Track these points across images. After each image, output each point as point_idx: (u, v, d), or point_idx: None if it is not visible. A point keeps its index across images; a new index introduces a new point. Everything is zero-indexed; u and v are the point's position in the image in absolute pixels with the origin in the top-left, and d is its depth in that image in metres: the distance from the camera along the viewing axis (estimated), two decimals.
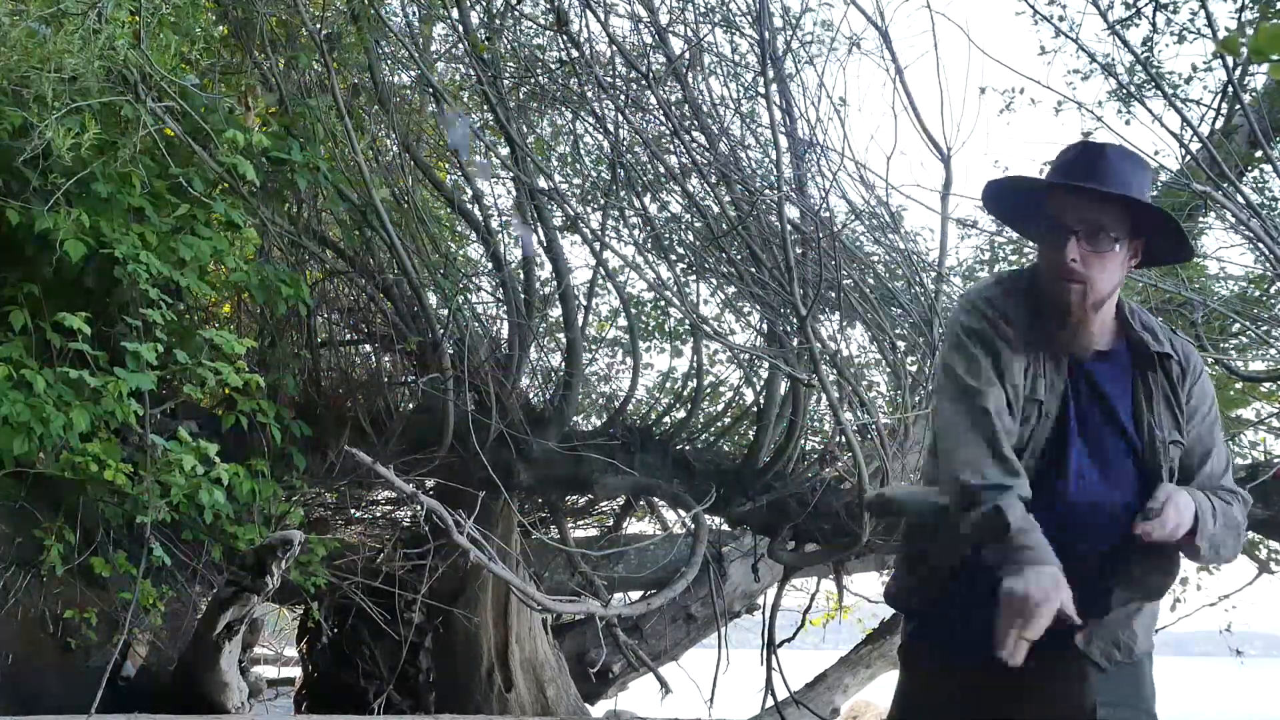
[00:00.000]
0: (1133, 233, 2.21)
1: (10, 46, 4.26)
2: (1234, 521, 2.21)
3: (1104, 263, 2.17)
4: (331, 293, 6.97)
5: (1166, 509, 2.11)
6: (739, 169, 5.66)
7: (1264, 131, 5.64)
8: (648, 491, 6.96)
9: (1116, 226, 2.17)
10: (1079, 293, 2.18)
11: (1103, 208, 2.16)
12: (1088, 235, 2.17)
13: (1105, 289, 2.19)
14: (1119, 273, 2.21)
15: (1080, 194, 2.17)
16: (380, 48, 5.99)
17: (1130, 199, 2.16)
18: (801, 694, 6.99)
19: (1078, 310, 2.20)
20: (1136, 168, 2.21)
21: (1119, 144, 2.29)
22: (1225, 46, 1.92)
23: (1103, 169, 2.18)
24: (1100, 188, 2.16)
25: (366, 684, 6.68)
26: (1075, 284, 2.17)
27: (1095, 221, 2.16)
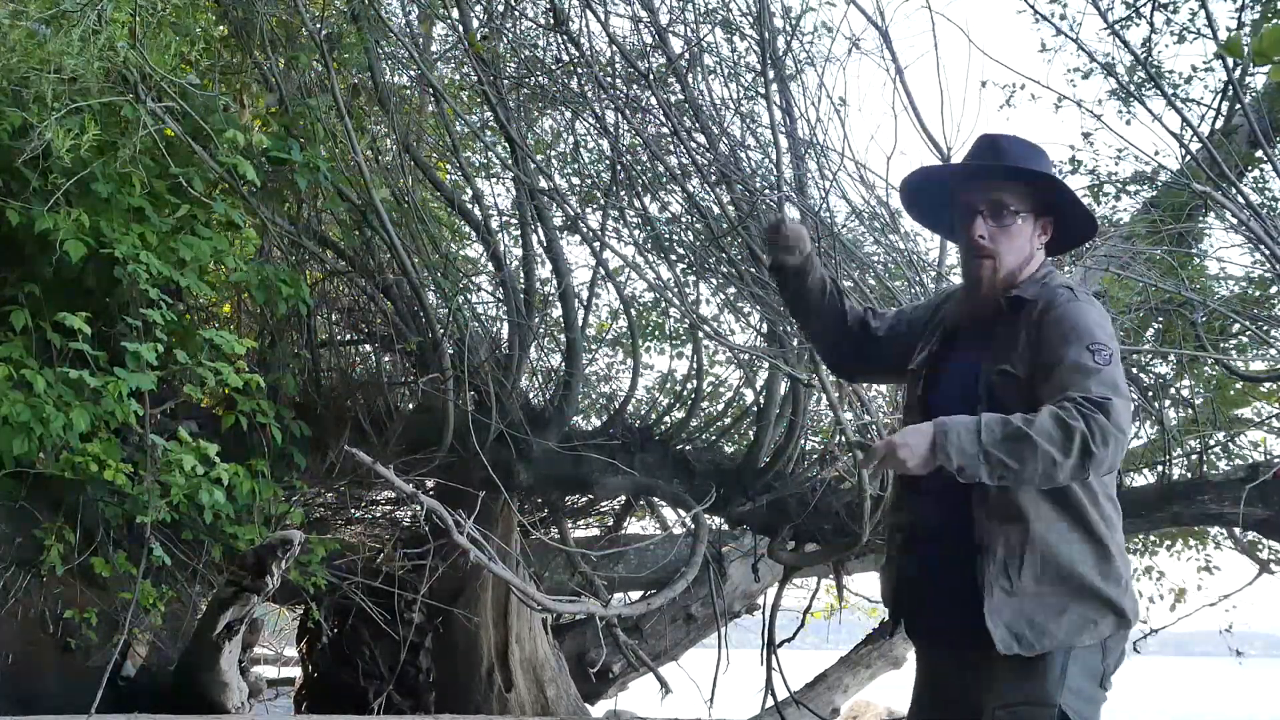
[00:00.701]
0: (1037, 210, 2.41)
1: (10, 47, 4.27)
2: (1020, 434, 2.07)
3: (1009, 237, 2.38)
4: (331, 293, 6.97)
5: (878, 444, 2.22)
6: (739, 169, 5.65)
7: (1264, 132, 5.64)
8: (648, 491, 6.96)
9: (1017, 202, 2.38)
10: (989, 267, 2.38)
11: (1002, 185, 2.38)
12: (992, 213, 2.38)
13: (1014, 261, 2.38)
14: (1026, 247, 2.40)
15: (979, 174, 2.41)
16: (380, 48, 5.99)
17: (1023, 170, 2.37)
18: (801, 694, 6.99)
19: (988, 283, 2.39)
20: (1031, 150, 2.43)
21: (1015, 134, 2.50)
22: (1228, 49, 1.93)
23: (998, 152, 2.42)
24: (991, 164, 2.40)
25: (366, 684, 6.68)
26: (985, 259, 2.38)
27: (996, 199, 2.38)
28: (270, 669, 9.40)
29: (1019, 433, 2.06)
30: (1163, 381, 6.70)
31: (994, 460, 2.07)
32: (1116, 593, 2.26)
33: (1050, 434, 2.06)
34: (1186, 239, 6.26)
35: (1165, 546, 8.42)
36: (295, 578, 5.53)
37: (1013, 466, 2.07)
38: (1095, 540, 2.26)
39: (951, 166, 2.59)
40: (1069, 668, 2.20)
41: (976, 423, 2.09)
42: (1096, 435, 2.06)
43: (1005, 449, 2.06)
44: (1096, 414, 2.07)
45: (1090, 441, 2.06)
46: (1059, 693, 2.19)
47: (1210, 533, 7.92)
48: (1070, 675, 2.20)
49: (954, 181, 2.47)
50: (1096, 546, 2.26)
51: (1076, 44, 5.48)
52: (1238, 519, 5.20)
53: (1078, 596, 2.22)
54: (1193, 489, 5.41)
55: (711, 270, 6.34)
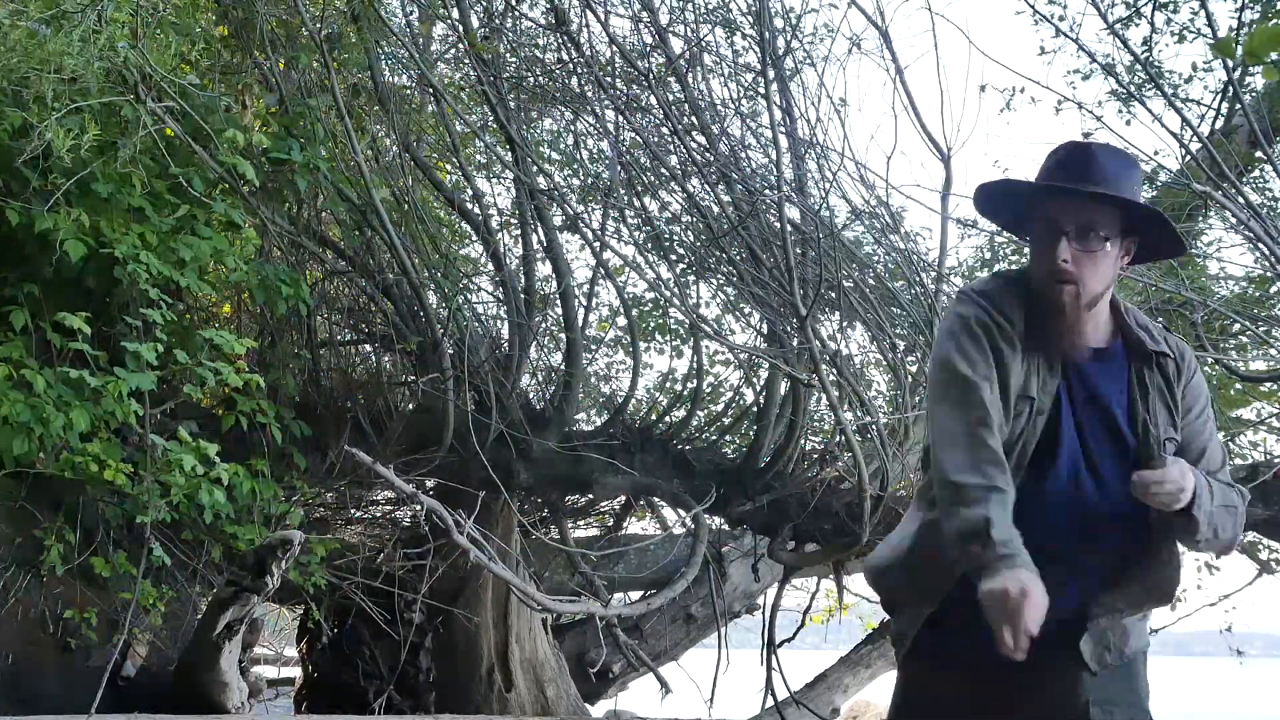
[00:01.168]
0: (1124, 231, 2.22)
1: (10, 47, 4.27)
2: (1232, 503, 2.19)
3: (1095, 262, 2.18)
4: (331, 293, 6.97)
5: (1170, 467, 2.11)
6: (739, 169, 5.66)
7: (1264, 132, 5.64)
8: (648, 491, 6.96)
9: (1107, 226, 2.18)
10: (1071, 293, 2.18)
11: (1093, 207, 2.17)
12: (1078, 235, 2.17)
13: (1097, 288, 2.20)
14: (1111, 271, 2.22)
15: (1070, 195, 2.18)
16: (380, 48, 5.99)
17: (1120, 199, 2.17)
18: (801, 694, 6.99)
19: (1070, 310, 2.20)
20: (1125, 166, 2.22)
21: (1107, 143, 2.31)
22: (1220, 49, 1.94)
23: (1092, 169, 2.19)
24: (1090, 188, 2.17)
25: (366, 684, 6.68)
26: (1068, 284, 2.18)
27: (1086, 221, 2.17)
28: (270, 669, 9.39)
29: (1229, 504, 2.19)
30: None
31: (1211, 522, 2.15)
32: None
33: (1238, 513, 2.22)
34: (1186, 239, 6.25)
35: None
36: (295, 578, 5.53)
37: (1215, 533, 2.17)
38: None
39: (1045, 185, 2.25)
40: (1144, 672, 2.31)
41: (1208, 486, 2.16)
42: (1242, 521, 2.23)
43: (1219, 515, 2.16)
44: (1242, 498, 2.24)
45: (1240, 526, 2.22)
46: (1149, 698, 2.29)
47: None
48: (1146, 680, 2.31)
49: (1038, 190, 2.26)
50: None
51: (1076, 44, 5.48)
52: None
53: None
54: None
55: (712, 270, 6.34)
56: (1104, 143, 2.31)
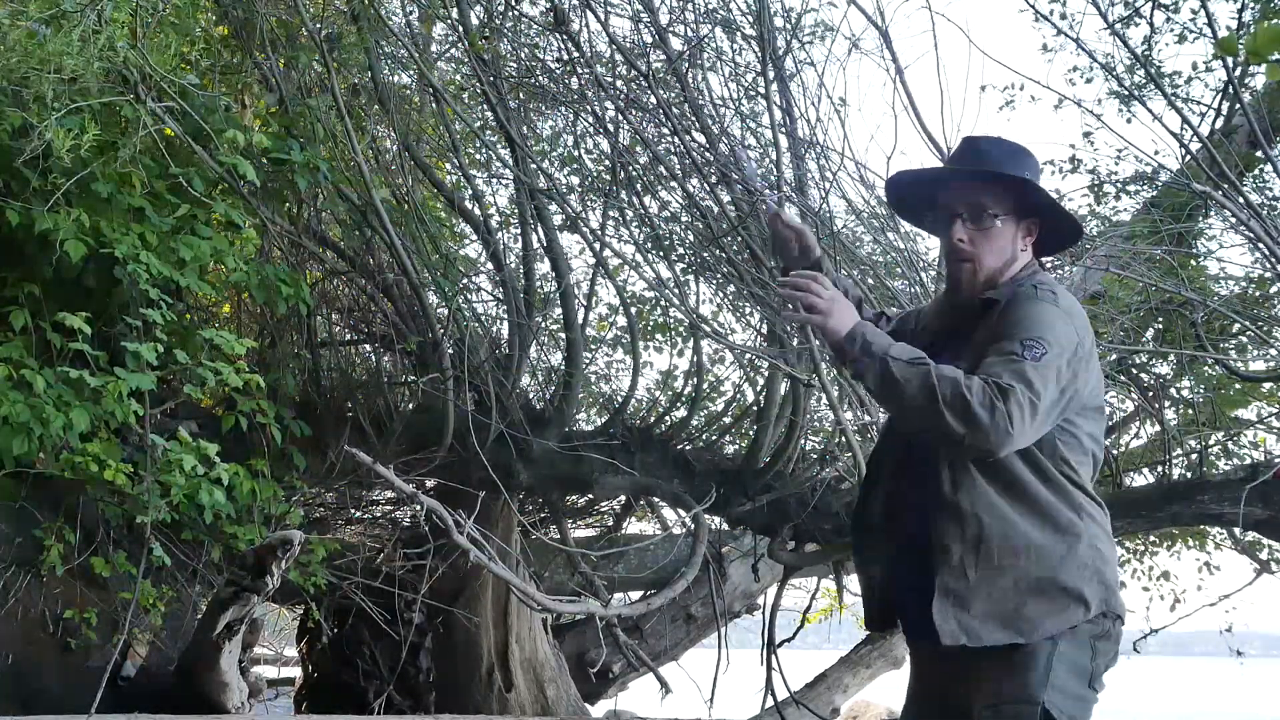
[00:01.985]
0: (1018, 212, 2.40)
1: (10, 47, 4.26)
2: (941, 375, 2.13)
3: (989, 239, 2.37)
4: (331, 293, 6.97)
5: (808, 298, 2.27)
6: (739, 168, 5.65)
7: (1264, 131, 5.64)
8: (648, 491, 6.96)
9: (996, 205, 2.37)
10: (969, 270, 2.39)
11: (981, 189, 2.37)
12: (971, 216, 2.38)
13: (994, 264, 2.38)
14: (1008, 248, 2.39)
15: (954, 177, 2.42)
16: (380, 48, 5.99)
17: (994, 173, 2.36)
18: (801, 694, 6.99)
19: (968, 285, 2.40)
20: (1011, 152, 2.41)
21: (999, 136, 2.49)
22: (1223, 47, 1.95)
23: (978, 155, 2.42)
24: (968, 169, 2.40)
25: (366, 684, 6.68)
26: (965, 261, 2.39)
27: (976, 203, 2.37)
28: (270, 669, 9.40)
29: (922, 366, 2.15)
30: (1163, 381, 6.70)
31: (888, 374, 2.17)
32: (1079, 582, 2.22)
33: (945, 384, 2.12)
34: (1186, 239, 6.26)
35: (1165, 546, 8.42)
36: (295, 578, 5.53)
37: (896, 389, 2.16)
38: (1057, 531, 2.24)
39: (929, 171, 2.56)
40: (1054, 665, 2.18)
41: (893, 342, 2.22)
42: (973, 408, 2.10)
43: (901, 368, 2.16)
44: (981, 393, 2.11)
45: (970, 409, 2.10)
46: (1043, 690, 2.17)
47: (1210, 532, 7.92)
48: (1055, 673, 2.18)
49: (935, 184, 2.48)
50: (1058, 537, 2.24)
51: (1076, 43, 5.48)
52: (1238, 519, 5.19)
53: (1036, 588, 2.21)
54: (1193, 489, 5.41)
55: (711, 270, 6.34)
56: (995, 135, 2.49)
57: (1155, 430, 6.83)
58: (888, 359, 2.17)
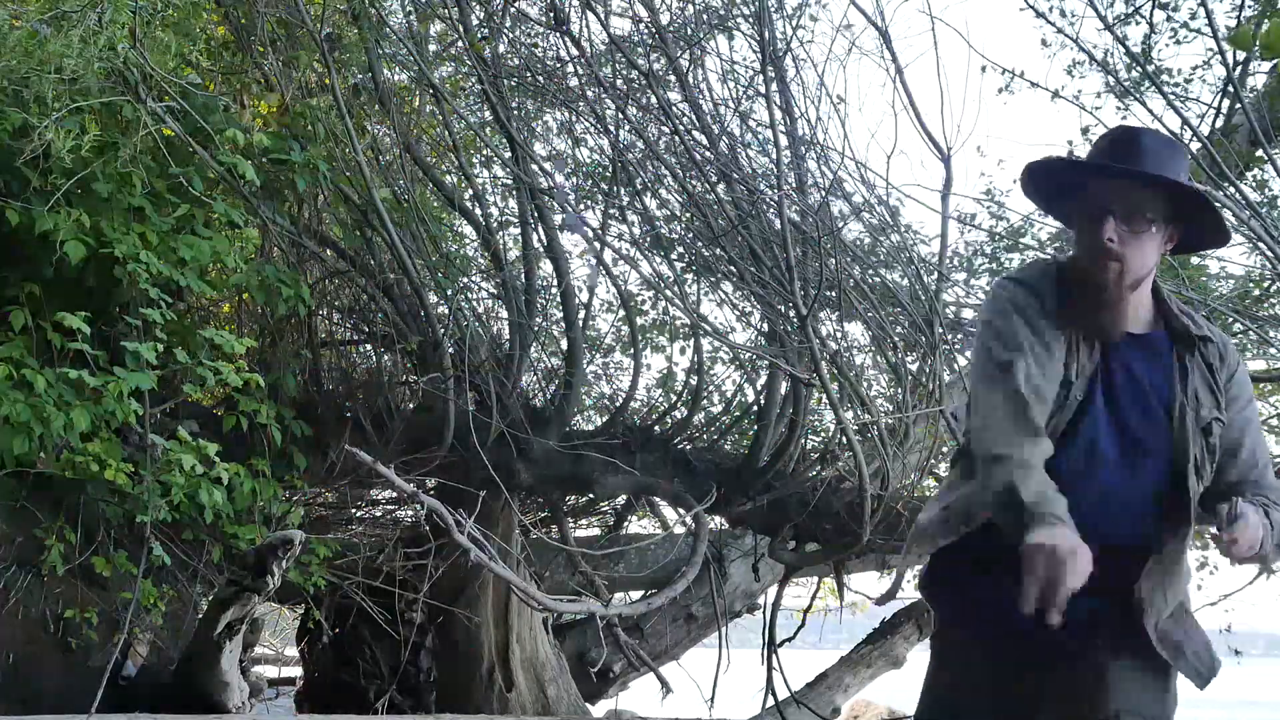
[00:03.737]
0: (1169, 216, 2.24)
1: (10, 47, 4.26)
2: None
3: (1140, 243, 2.20)
4: (331, 293, 6.97)
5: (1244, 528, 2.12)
6: (739, 168, 5.65)
7: (1264, 130, 5.63)
8: (648, 491, 6.96)
9: (1153, 208, 2.21)
10: (1115, 271, 2.20)
11: (1139, 189, 2.20)
12: (1124, 216, 2.20)
13: (1141, 270, 2.22)
14: (1154, 254, 2.24)
15: (1118, 176, 2.22)
16: (380, 48, 5.99)
17: (1167, 180, 2.20)
18: (802, 694, 6.98)
19: (1114, 290, 2.22)
20: (1173, 151, 2.26)
21: (1156, 129, 2.35)
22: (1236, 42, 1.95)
23: (1140, 152, 2.23)
24: (1138, 169, 2.21)
25: (367, 684, 6.68)
26: (1112, 263, 2.20)
27: (1132, 203, 2.20)
28: (271, 669, 9.40)
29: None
30: None
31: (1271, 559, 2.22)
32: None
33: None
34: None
35: None
36: (296, 578, 5.53)
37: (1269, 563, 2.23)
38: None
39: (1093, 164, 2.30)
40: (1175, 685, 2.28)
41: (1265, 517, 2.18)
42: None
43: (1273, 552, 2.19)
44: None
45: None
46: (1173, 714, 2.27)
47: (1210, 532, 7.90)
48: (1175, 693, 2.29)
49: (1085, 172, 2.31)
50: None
51: (1075, 42, 5.47)
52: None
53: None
54: None
55: (712, 270, 6.34)
56: (1153, 128, 2.36)
57: None
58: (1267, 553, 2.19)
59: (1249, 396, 2.28)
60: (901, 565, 6.17)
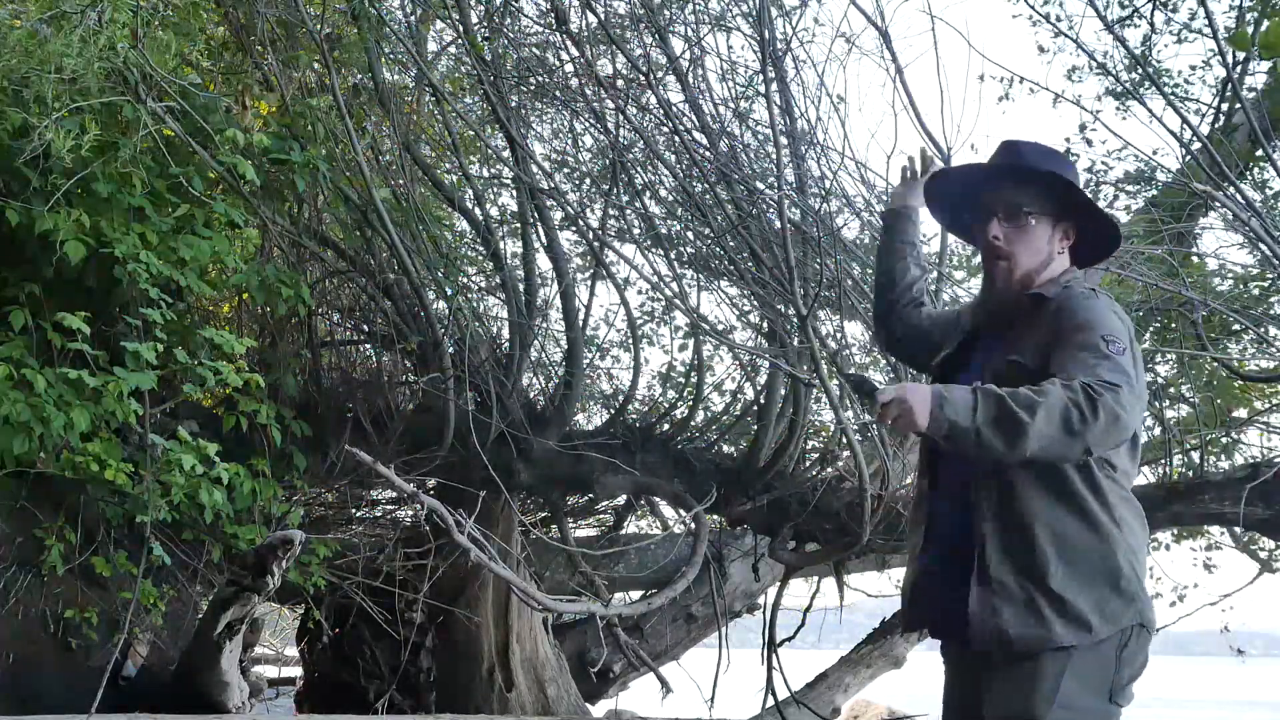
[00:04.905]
0: (1055, 213, 2.43)
1: (10, 47, 4.26)
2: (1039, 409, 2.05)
3: (1025, 238, 2.41)
4: (331, 293, 6.96)
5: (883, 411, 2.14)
6: (739, 168, 5.65)
7: (1264, 130, 5.63)
8: (648, 491, 6.96)
9: (1033, 205, 2.41)
10: (1005, 268, 2.42)
11: (1018, 189, 2.42)
12: (1007, 214, 2.42)
13: (1030, 262, 2.41)
14: (1044, 247, 2.42)
15: (992, 175, 2.46)
16: (380, 48, 5.99)
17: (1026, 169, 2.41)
18: (802, 693, 6.98)
19: (1003, 283, 2.43)
20: (1047, 155, 2.47)
21: (1036, 141, 2.53)
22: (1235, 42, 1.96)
23: (1016, 156, 2.46)
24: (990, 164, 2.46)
25: (367, 683, 6.68)
26: (1000, 259, 2.42)
27: (1012, 201, 2.41)
28: (271, 669, 9.40)
29: (1013, 414, 2.05)
30: (1163, 381, 6.70)
31: (984, 438, 2.06)
32: (1112, 595, 2.20)
33: (1051, 415, 2.04)
34: (1186, 239, 6.25)
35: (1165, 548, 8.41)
36: (296, 578, 5.53)
37: (999, 446, 2.06)
38: (1100, 541, 2.22)
39: (966, 168, 2.60)
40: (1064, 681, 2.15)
41: (973, 397, 2.08)
42: (1101, 415, 2.04)
43: (997, 428, 2.06)
44: (1104, 395, 2.06)
45: (1088, 421, 2.04)
46: (1046, 709, 2.15)
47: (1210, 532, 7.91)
48: (1065, 690, 2.15)
49: (972, 184, 2.51)
50: (1100, 548, 2.22)
51: (1075, 42, 5.48)
52: (1238, 519, 5.19)
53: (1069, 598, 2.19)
54: (1193, 488, 5.41)
55: (712, 270, 6.34)
56: (1033, 140, 2.53)
57: (1155, 430, 6.82)
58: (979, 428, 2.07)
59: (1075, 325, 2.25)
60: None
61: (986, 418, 2.06)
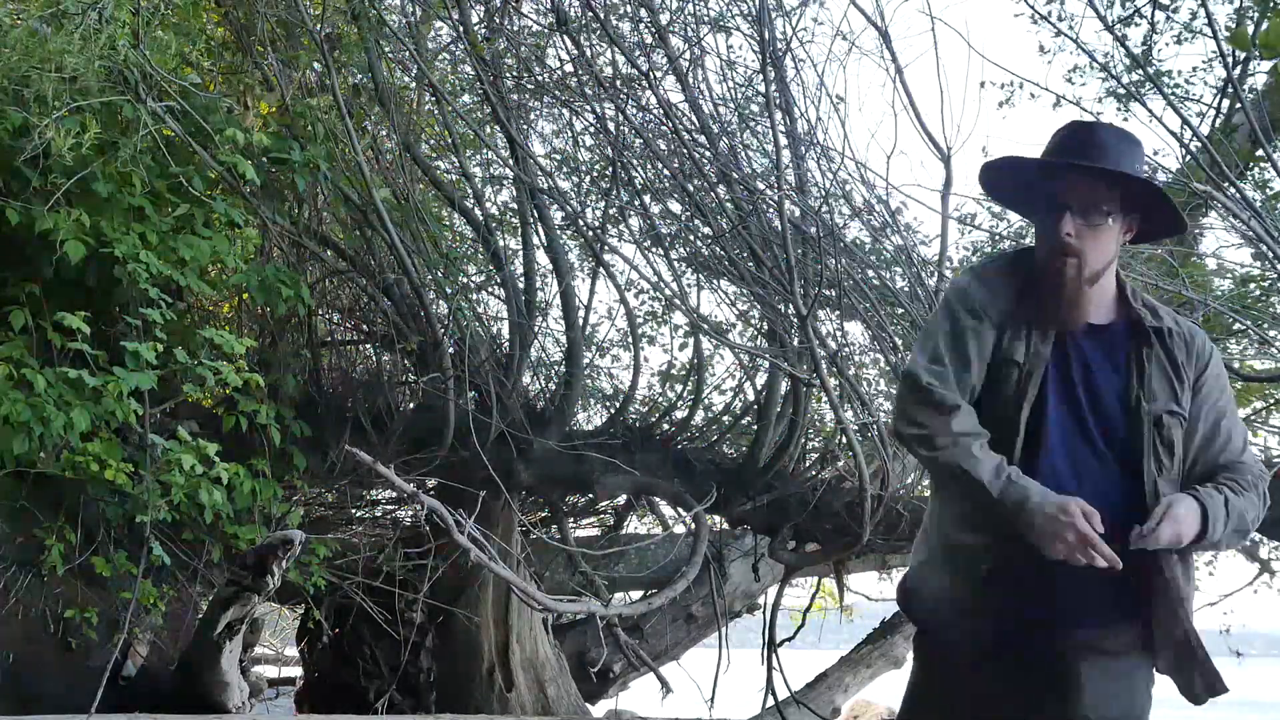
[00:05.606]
0: (1125, 208, 2.28)
1: (11, 46, 4.26)
2: (1243, 517, 2.19)
3: (1098, 236, 2.24)
4: (331, 293, 6.96)
5: (1164, 523, 2.08)
6: (739, 168, 5.65)
7: (1264, 130, 5.63)
8: (648, 491, 6.96)
9: (1109, 201, 2.24)
10: (1074, 266, 2.24)
11: (1095, 183, 2.23)
12: (1081, 210, 2.23)
13: (1099, 263, 2.26)
14: (1113, 247, 2.28)
15: (1073, 170, 2.25)
16: (380, 48, 5.99)
17: (1121, 173, 2.23)
18: (802, 694, 6.99)
19: (1072, 283, 2.25)
20: (1128, 144, 2.28)
21: (1110, 123, 2.40)
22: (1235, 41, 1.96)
23: (1095, 146, 2.26)
24: (1092, 164, 2.23)
25: (367, 683, 6.68)
26: (1070, 257, 2.24)
27: (1088, 197, 2.23)
28: (271, 669, 9.40)
29: (1241, 523, 2.19)
30: None
31: (1223, 545, 2.25)
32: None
33: (1252, 517, 2.21)
34: (1186, 239, 6.25)
35: None
36: (295, 578, 5.53)
37: (1227, 546, 2.29)
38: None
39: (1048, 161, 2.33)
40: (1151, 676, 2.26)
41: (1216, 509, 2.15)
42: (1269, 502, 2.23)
43: (1231, 538, 2.20)
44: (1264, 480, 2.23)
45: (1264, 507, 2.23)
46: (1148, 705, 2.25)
47: None
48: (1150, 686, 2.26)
49: (1042, 170, 2.33)
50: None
51: (1075, 42, 5.47)
52: None
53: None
54: None
55: (712, 270, 6.34)
56: (1107, 122, 2.41)
57: None
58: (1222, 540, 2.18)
59: (1222, 387, 2.29)
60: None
61: (1231, 530, 2.18)
